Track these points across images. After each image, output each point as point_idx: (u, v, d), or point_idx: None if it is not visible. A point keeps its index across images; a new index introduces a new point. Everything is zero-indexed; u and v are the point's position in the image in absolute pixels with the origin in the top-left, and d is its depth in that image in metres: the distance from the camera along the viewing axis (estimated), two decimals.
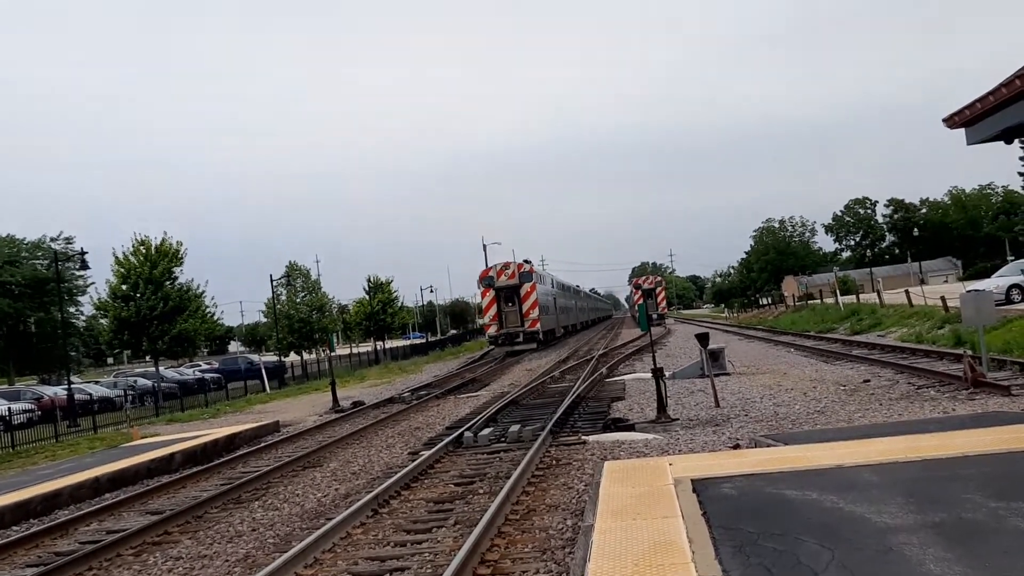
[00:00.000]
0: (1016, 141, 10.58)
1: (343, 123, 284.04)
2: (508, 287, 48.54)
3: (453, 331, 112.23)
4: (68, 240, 56.63)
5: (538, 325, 47.89)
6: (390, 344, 68.34)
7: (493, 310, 48.85)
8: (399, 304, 70.48)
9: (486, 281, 49.58)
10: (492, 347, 50.60)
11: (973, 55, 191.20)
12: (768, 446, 11.11)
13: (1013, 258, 63.75)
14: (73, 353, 60.13)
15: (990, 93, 8.68)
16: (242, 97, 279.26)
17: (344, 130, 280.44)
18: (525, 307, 47.87)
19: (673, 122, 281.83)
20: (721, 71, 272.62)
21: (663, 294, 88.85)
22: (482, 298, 51.62)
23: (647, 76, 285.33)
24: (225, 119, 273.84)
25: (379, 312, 65.03)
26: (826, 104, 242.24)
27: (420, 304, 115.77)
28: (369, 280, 66.81)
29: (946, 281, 77.17)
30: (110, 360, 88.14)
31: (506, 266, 49.96)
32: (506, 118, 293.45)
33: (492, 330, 49.29)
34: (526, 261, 52.08)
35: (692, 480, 8.50)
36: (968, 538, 5.85)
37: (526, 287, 48.19)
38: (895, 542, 5.90)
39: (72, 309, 57.10)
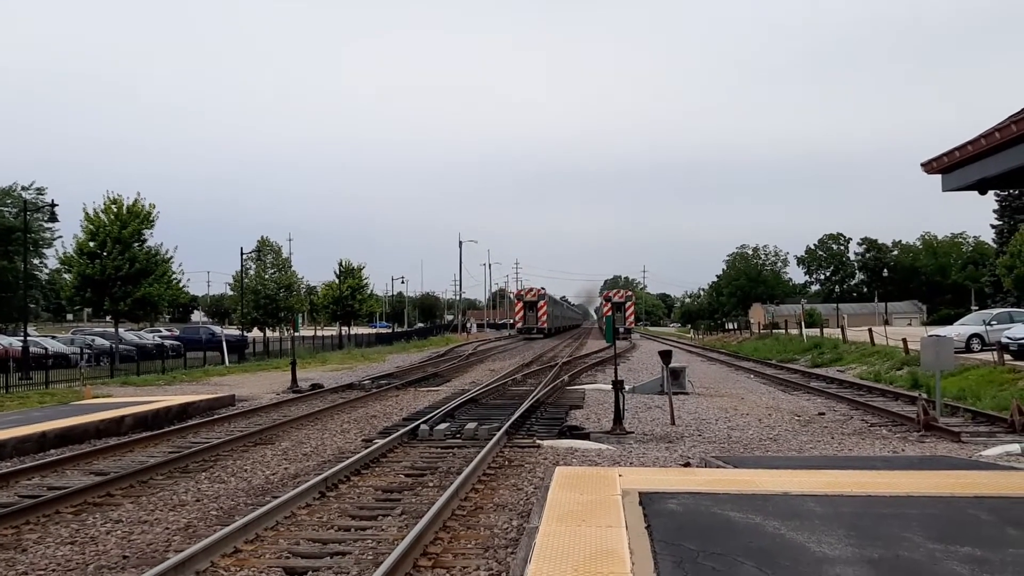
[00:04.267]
0: (991, 193, 10.78)
1: (333, 105, 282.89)
2: (530, 301, 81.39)
3: (421, 324, 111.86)
4: (39, 191, 55.62)
5: (546, 324, 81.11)
6: (355, 330, 67.95)
7: (521, 313, 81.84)
8: (369, 291, 70.15)
9: (519, 296, 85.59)
10: (518, 333, 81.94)
11: (966, 101, 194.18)
12: (718, 467, 11.22)
13: (977, 308, 64.84)
14: (33, 305, 59.19)
15: (969, 143, 8.81)
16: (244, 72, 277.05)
17: (336, 111, 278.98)
18: (539, 313, 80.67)
19: (659, 143, 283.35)
20: (715, 98, 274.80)
21: (632, 309, 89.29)
22: (515, 305, 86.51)
23: (636, 96, 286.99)
24: (217, 91, 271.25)
25: (347, 297, 64.59)
26: (813, 138, 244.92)
27: (390, 294, 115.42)
28: (340, 264, 66.41)
29: (910, 324, 78.23)
30: (69, 316, 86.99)
31: (531, 289, 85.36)
32: (495, 124, 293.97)
33: (520, 324, 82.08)
34: (542, 287, 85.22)
35: (640, 493, 8.56)
36: None
37: (540, 302, 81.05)
38: (832, 573, 5.98)
39: (36, 261, 56.17)
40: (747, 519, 7.53)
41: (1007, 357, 24.17)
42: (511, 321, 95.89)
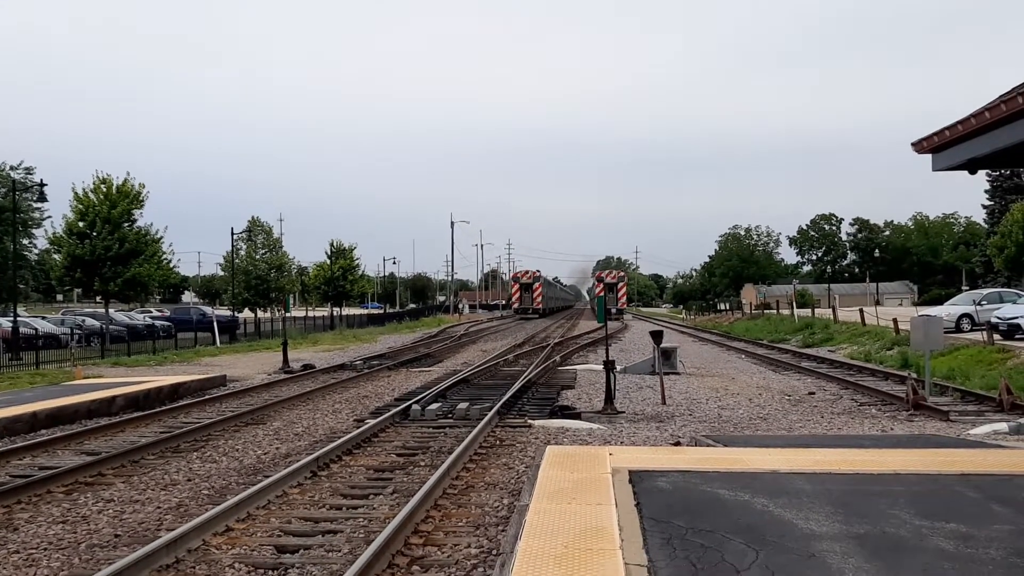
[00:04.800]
0: (982, 173, 10.77)
1: (325, 85, 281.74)
2: (526, 283, 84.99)
3: (413, 305, 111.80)
4: (28, 170, 55.52)
5: (541, 305, 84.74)
6: (347, 311, 67.86)
7: (518, 294, 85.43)
8: (360, 272, 70.02)
9: (516, 278, 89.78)
10: (515, 313, 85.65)
11: (957, 84, 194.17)
12: (708, 446, 11.28)
13: (968, 288, 65.06)
14: (22, 286, 58.95)
15: (959, 122, 8.79)
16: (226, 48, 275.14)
17: (325, 92, 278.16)
18: (535, 295, 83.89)
19: (654, 124, 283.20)
20: (711, 80, 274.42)
21: (624, 290, 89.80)
22: (512, 287, 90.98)
23: (633, 79, 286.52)
24: (202, 76, 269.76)
25: (339, 278, 64.43)
26: (806, 120, 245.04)
27: (381, 275, 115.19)
28: (332, 244, 66.21)
29: (901, 304, 78.44)
30: (59, 297, 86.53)
31: (527, 272, 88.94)
32: (492, 110, 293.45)
33: (516, 304, 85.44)
34: (537, 270, 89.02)
35: (630, 471, 8.61)
36: (889, 552, 5.99)
37: (536, 284, 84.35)
38: (818, 549, 6.03)
39: (25, 241, 55.93)
40: (736, 497, 7.58)
41: (996, 337, 24.32)
42: (504, 302, 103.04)
